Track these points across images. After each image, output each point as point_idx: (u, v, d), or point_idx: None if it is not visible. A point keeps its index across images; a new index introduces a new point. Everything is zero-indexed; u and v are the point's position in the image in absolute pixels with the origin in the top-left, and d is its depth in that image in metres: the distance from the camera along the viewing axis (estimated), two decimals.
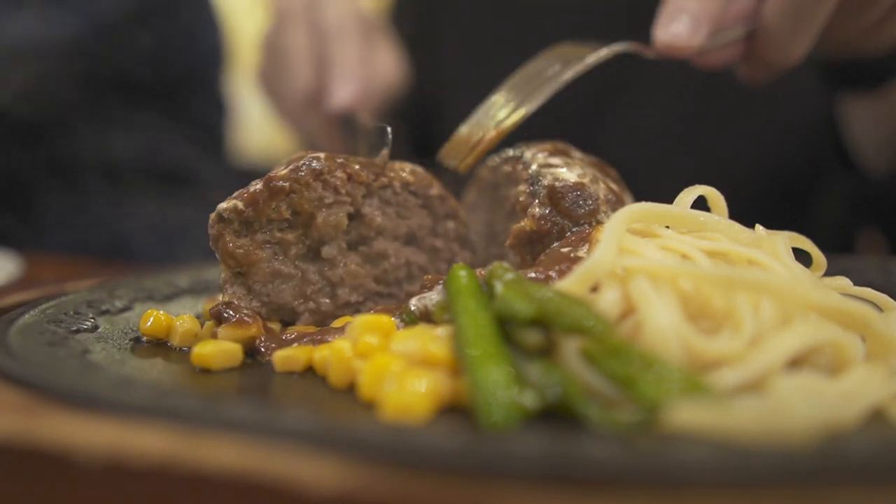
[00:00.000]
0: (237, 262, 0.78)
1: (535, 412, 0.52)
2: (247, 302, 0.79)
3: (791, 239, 0.71)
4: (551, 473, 0.45)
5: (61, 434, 0.51)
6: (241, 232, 0.78)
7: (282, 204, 0.78)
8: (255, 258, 0.78)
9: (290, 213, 0.79)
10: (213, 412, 0.53)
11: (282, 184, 0.77)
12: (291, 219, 0.79)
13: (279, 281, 0.80)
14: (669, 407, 0.50)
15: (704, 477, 0.44)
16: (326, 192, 0.79)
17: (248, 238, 0.78)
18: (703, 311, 0.60)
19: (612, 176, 0.84)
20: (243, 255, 0.77)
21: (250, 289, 0.79)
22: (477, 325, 0.59)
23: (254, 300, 0.79)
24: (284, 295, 0.80)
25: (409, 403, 0.55)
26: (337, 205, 0.79)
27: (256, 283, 0.79)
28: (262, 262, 0.78)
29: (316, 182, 0.78)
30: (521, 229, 0.77)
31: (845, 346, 0.59)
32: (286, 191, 0.78)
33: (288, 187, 0.78)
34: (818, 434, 0.48)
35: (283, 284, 0.80)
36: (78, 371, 0.62)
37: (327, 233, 0.80)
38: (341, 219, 0.80)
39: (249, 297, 0.79)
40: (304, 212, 0.79)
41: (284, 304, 0.80)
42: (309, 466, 0.47)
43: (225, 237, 0.77)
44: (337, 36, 1.24)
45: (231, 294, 0.78)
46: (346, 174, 0.79)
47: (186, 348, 0.74)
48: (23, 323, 0.72)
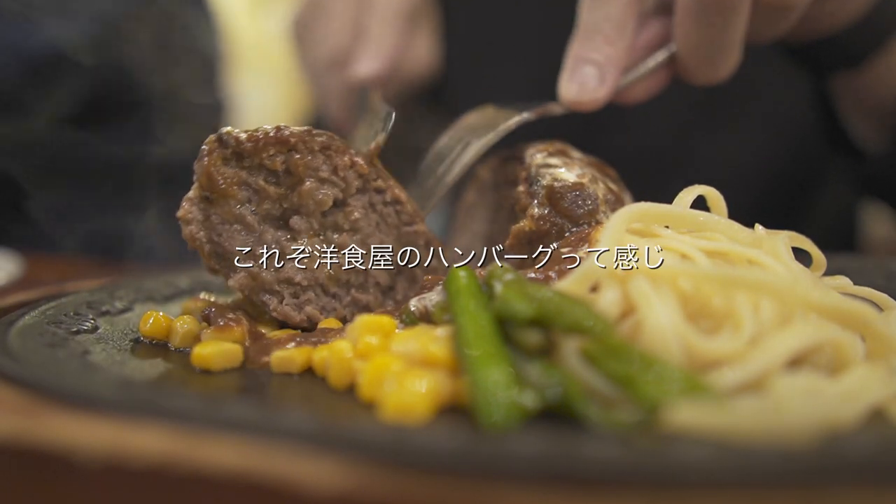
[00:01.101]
0: (210, 186, 0.76)
1: (535, 412, 0.52)
2: (196, 227, 0.76)
3: (791, 238, 0.71)
4: (551, 473, 0.45)
5: (61, 434, 0.51)
6: (230, 161, 0.76)
7: (280, 156, 0.77)
8: (229, 192, 0.76)
9: (284, 168, 0.77)
10: (213, 412, 0.53)
11: (290, 136, 0.76)
12: (282, 175, 0.78)
13: (237, 227, 0.77)
14: (669, 407, 0.50)
15: (704, 477, 0.44)
16: (325, 167, 0.78)
17: (234, 170, 0.76)
18: (702, 310, 0.60)
19: (612, 176, 0.84)
20: (219, 182, 0.75)
21: (208, 217, 0.77)
22: (477, 326, 0.59)
23: (204, 230, 0.77)
24: (234, 242, 0.77)
25: (409, 404, 0.55)
26: (328, 184, 0.78)
27: (216, 215, 0.77)
28: (231, 199, 0.76)
29: (321, 153, 0.78)
30: (521, 229, 0.77)
31: (845, 346, 0.59)
32: (290, 145, 0.77)
33: (293, 142, 0.77)
34: (818, 434, 0.48)
35: (238, 234, 0.77)
36: (78, 372, 0.62)
37: (306, 205, 0.78)
38: (326, 198, 0.78)
39: (203, 224, 0.77)
40: (297, 174, 0.77)
41: (230, 251, 0.77)
42: (309, 466, 0.47)
43: (213, 156, 0.75)
44: (382, 9, 1.24)
45: (187, 210, 0.76)
46: (350, 160, 0.79)
47: (187, 349, 0.74)
48: (23, 324, 0.72)
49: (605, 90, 0.86)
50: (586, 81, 0.86)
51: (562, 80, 0.88)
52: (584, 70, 0.86)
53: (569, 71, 0.88)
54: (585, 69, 0.86)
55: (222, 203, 0.77)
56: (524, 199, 0.79)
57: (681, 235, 0.68)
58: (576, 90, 0.86)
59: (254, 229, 0.78)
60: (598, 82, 0.86)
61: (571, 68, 0.87)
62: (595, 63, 0.86)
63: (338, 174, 0.79)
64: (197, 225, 0.76)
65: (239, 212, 0.77)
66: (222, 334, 0.72)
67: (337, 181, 0.79)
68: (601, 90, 0.86)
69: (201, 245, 0.77)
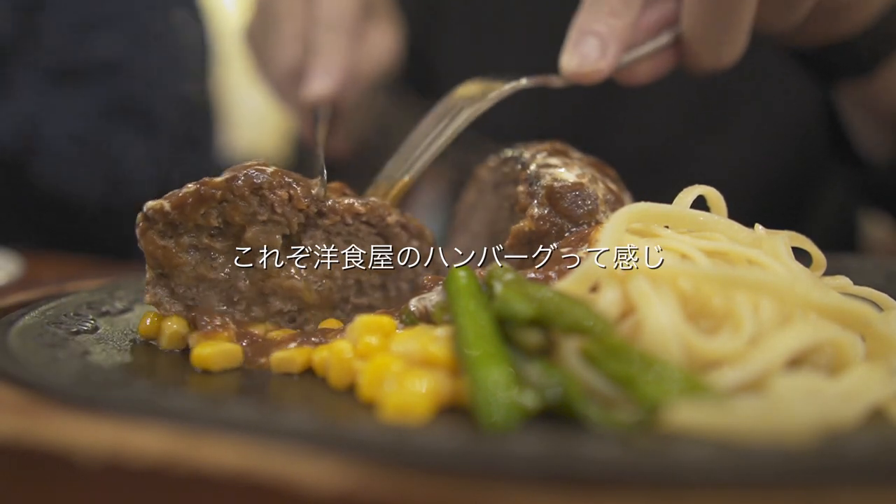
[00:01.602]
0: (158, 263, 0.75)
1: (535, 412, 0.52)
2: (170, 304, 0.76)
3: (791, 238, 0.71)
4: (551, 473, 0.45)
5: (61, 434, 0.51)
6: (165, 233, 0.75)
7: (212, 211, 0.74)
8: (178, 261, 0.74)
9: (221, 221, 0.75)
10: (213, 412, 0.53)
11: (213, 191, 0.74)
12: (222, 227, 0.76)
13: (204, 286, 0.76)
14: (669, 407, 0.50)
15: (704, 477, 0.44)
16: (261, 209, 0.75)
17: (173, 240, 0.75)
18: (702, 310, 0.60)
19: (611, 176, 0.84)
20: (164, 256, 0.74)
21: (173, 291, 0.76)
22: (477, 326, 0.59)
23: (177, 303, 0.76)
24: (210, 300, 0.77)
25: (409, 404, 0.55)
26: (271, 223, 0.76)
27: (179, 286, 0.76)
28: (185, 266, 0.75)
29: (252, 196, 0.75)
30: (520, 229, 0.77)
31: (845, 346, 0.59)
32: (217, 199, 0.74)
33: (219, 195, 0.74)
34: (818, 434, 0.48)
35: (209, 290, 0.77)
36: (78, 372, 0.62)
37: (258, 248, 0.76)
38: (274, 239, 0.76)
39: (172, 299, 0.76)
40: (235, 223, 0.75)
41: (210, 308, 0.76)
42: (309, 466, 0.47)
43: (148, 235, 0.74)
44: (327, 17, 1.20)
45: (153, 294, 0.75)
46: (287, 194, 0.76)
47: (177, 350, 0.74)
48: (23, 324, 0.72)
49: (606, 62, 0.85)
50: (588, 53, 0.85)
51: (564, 52, 0.87)
52: (587, 41, 0.85)
53: (571, 43, 0.87)
54: (588, 40, 0.85)
55: (177, 273, 0.75)
56: (524, 199, 0.78)
57: (681, 235, 0.68)
58: (577, 62, 0.85)
59: (220, 281, 0.77)
60: (599, 54, 0.85)
61: (574, 40, 0.86)
62: (598, 35, 0.85)
63: (276, 212, 0.76)
64: (168, 302, 0.76)
65: (197, 273, 0.76)
66: (207, 339, 0.72)
67: (278, 218, 0.76)
68: (602, 62, 0.85)
69: (185, 316, 0.76)
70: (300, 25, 1.22)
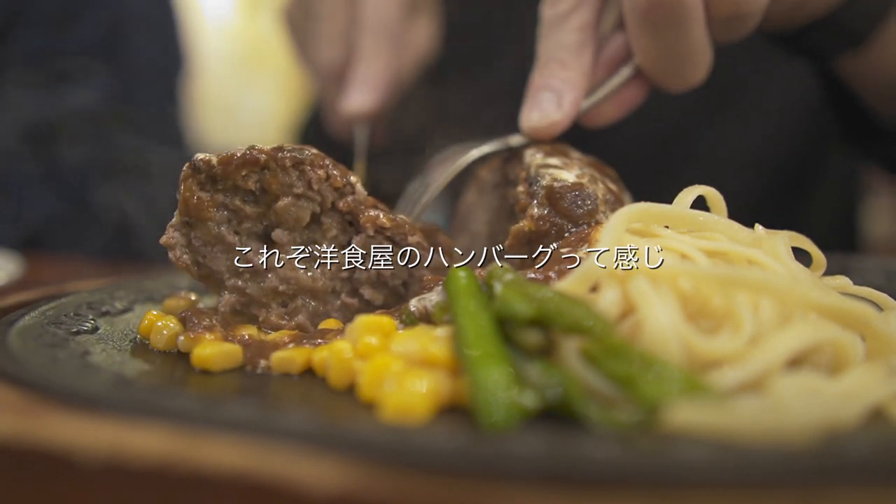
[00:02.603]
0: (188, 211, 0.77)
1: (535, 412, 0.52)
2: (180, 251, 0.78)
3: (791, 238, 0.71)
4: (551, 473, 0.45)
5: (61, 434, 0.51)
6: (205, 185, 0.77)
7: (252, 175, 0.77)
8: (207, 215, 0.77)
9: (258, 187, 0.78)
10: (213, 412, 0.53)
11: (260, 155, 0.77)
12: (257, 193, 0.79)
13: (220, 247, 0.79)
14: (669, 407, 0.50)
15: (704, 477, 0.44)
16: (299, 182, 0.78)
17: (209, 194, 0.78)
18: (702, 310, 0.60)
19: (611, 176, 0.84)
20: (196, 206, 0.77)
21: (190, 241, 0.79)
22: (477, 326, 0.59)
23: (189, 254, 0.79)
24: (219, 262, 0.79)
25: (409, 404, 0.55)
26: (305, 199, 0.78)
27: (198, 238, 0.78)
28: (210, 221, 0.78)
29: (293, 168, 0.78)
30: (520, 230, 0.77)
31: (845, 346, 0.59)
32: (261, 164, 0.77)
33: (263, 161, 0.77)
34: (818, 434, 0.48)
35: (222, 253, 0.79)
36: (78, 372, 0.62)
37: (285, 221, 0.79)
38: (303, 214, 0.79)
39: (186, 248, 0.79)
40: (271, 191, 0.78)
41: (216, 271, 0.79)
42: (309, 466, 0.47)
43: (188, 183, 0.77)
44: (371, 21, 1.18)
45: (170, 236, 0.78)
46: (325, 173, 0.78)
47: (171, 351, 0.74)
48: (23, 324, 0.72)
49: (562, 113, 0.85)
50: (544, 108, 0.85)
51: (522, 111, 0.87)
52: (542, 96, 0.86)
53: (528, 100, 0.87)
54: (543, 95, 0.86)
55: (202, 226, 0.78)
56: (524, 199, 0.78)
57: (681, 235, 0.68)
58: (536, 118, 0.85)
59: (235, 247, 0.79)
60: (556, 107, 0.85)
61: (531, 97, 0.87)
62: (551, 89, 0.85)
63: (312, 188, 0.78)
64: (180, 249, 0.78)
65: (219, 232, 0.78)
66: (195, 342, 0.72)
67: (313, 195, 0.79)
68: (558, 114, 0.85)
69: (188, 267, 0.79)
70: (343, 25, 1.21)
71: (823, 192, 1.48)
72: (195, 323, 0.74)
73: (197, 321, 0.74)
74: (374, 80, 1.15)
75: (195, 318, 0.74)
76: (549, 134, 0.86)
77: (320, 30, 1.22)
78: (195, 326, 0.73)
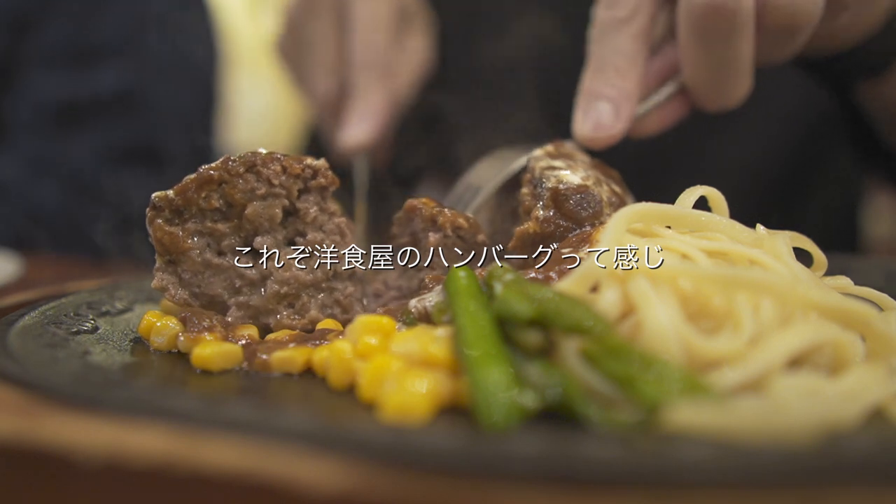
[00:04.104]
0: (166, 250, 0.78)
1: (535, 412, 0.52)
2: (174, 290, 0.78)
3: (792, 238, 0.71)
4: (551, 473, 0.45)
5: (61, 434, 0.51)
6: (172, 220, 0.78)
7: (213, 194, 0.78)
8: (185, 246, 0.77)
9: (223, 203, 0.78)
10: (213, 412, 0.53)
11: (211, 173, 0.77)
12: (224, 210, 0.79)
13: (210, 272, 0.79)
14: (669, 407, 0.50)
15: (704, 477, 0.44)
16: (259, 184, 0.78)
17: (179, 226, 0.78)
18: (702, 310, 0.60)
19: (615, 178, 0.84)
20: (171, 242, 0.77)
21: (180, 277, 0.79)
22: (477, 326, 0.59)
23: (183, 289, 0.79)
24: (215, 286, 0.79)
25: (409, 404, 0.55)
26: (270, 197, 0.79)
27: (186, 272, 0.79)
28: (191, 251, 0.78)
29: (248, 173, 0.78)
30: (525, 231, 0.77)
31: (845, 346, 0.59)
32: (216, 180, 0.77)
33: (217, 177, 0.77)
34: (818, 434, 0.48)
35: (214, 276, 0.79)
36: (78, 372, 0.62)
37: (260, 225, 0.79)
38: (275, 211, 0.79)
39: (179, 285, 0.79)
40: (237, 203, 0.78)
41: (215, 295, 0.79)
42: (309, 466, 0.47)
43: (156, 223, 0.77)
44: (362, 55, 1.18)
45: (160, 279, 0.78)
46: (280, 166, 0.79)
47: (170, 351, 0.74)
48: (23, 324, 0.72)
49: (621, 125, 0.85)
50: (601, 118, 0.85)
51: (576, 118, 0.86)
52: (599, 106, 0.85)
53: (583, 108, 0.86)
54: (599, 105, 0.85)
55: (185, 259, 0.78)
56: (528, 201, 0.78)
57: (681, 235, 0.68)
58: (591, 127, 0.85)
59: (225, 267, 0.79)
60: (613, 118, 0.85)
61: (585, 105, 0.86)
62: (609, 98, 0.85)
63: (273, 184, 0.79)
64: (173, 287, 0.79)
65: (203, 259, 0.79)
66: (195, 342, 0.72)
67: (277, 191, 0.79)
68: (618, 125, 0.85)
69: (187, 301, 0.79)
70: (334, 55, 1.21)
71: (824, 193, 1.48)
72: (195, 323, 0.74)
73: (197, 321, 0.74)
74: (371, 115, 1.16)
75: (195, 318, 0.74)
76: (604, 143, 0.85)
77: (312, 60, 1.23)
78: (195, 326, 0.73)
